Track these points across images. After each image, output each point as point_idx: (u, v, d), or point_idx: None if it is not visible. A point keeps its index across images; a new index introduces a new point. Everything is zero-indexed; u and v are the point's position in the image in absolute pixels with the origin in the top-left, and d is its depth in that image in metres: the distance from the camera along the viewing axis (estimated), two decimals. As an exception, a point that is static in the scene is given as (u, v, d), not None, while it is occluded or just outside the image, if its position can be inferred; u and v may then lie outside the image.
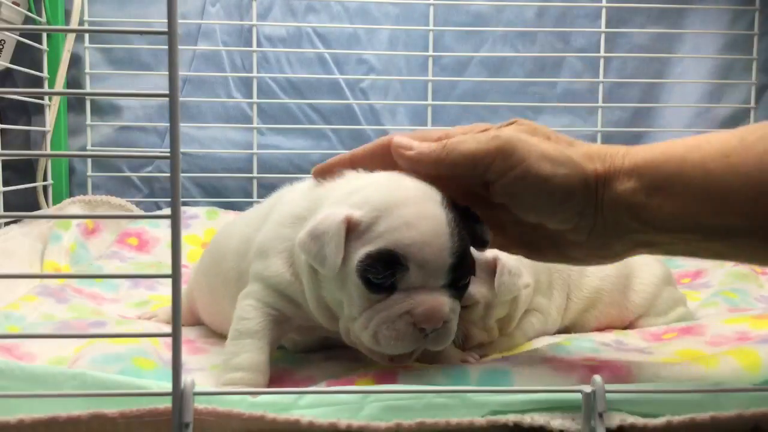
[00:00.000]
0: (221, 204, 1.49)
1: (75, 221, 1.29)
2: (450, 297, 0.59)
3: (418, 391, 0.53)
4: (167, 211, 0.62)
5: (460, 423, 0.50)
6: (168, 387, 0.47)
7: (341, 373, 0.66)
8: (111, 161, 1.52)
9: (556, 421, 0.50)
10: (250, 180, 1.52)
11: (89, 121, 1.49)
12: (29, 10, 1.35)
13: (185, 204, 1.47)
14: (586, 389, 0.49)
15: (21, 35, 1.34)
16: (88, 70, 1.48)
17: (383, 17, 1.53)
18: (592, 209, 0.57)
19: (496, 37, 1.56)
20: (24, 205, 1.40)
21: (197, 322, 0.91)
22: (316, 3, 1.52)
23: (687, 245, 0.56)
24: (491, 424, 0.51)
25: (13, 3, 1.29)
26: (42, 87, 1.42)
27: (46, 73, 1.41)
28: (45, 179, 1.44)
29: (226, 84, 1.53)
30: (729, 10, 1.57)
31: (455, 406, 0.52)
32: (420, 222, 0.58)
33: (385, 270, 0.57)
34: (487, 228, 0.63)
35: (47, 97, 1.42)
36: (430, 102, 1.53)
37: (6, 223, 1.24)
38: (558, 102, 1.57)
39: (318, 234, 0.59)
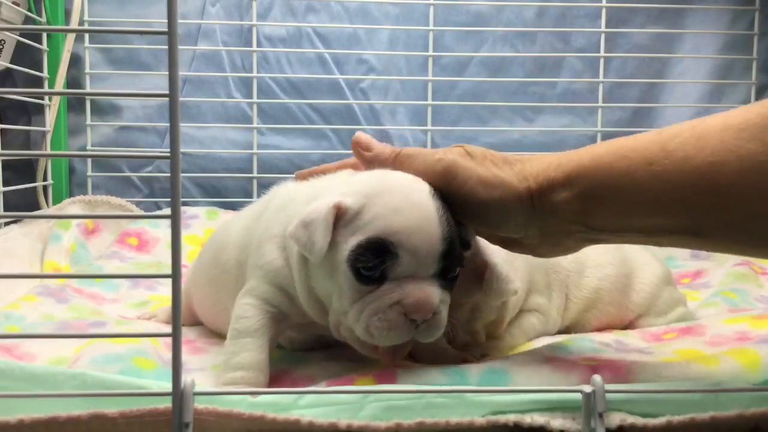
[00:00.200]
0: (221, 204, 1.49)
1: (75, 221, 1.29)
2: (440, 288, 0.60)
3: (418, 391, 0.53)
4: (167, 211, 0.62)
5: (460, 423, 0.50)
6: (168, 387, 0.47)
7: (341, 373, 0.66)
8: (111, 161, 1.52)
9: (556, 421, 0.50)
10: (250, 180, 1.52)
11: (89, 121, 1.49)
12: (29, 10, 1.35)
13: (185, 204, 1.47)
14: (586, 389, 0.49)
15: (21, 35, 1.34)
16: (88, 70, 1.48)
17: (383, 17, 1.53)
18: (535, 219, 0.61)
19: (496, 37, 1.56)
20: (24, 205, 1.40)
21: (194, 320, 0.91)
22: (316, 3, 1.52)
23: (634, 240, 0.61)
24: (491, 424, 0.51)
25: (13, 3, 1.29)
26: (42, 87, 1.42)
27: (46, 73, 1.41)
28: (45, 179, 1.44)
29: (226, 84, 1.53)
30: (729, 10, 1.57)
31: (455, 406, 0.52)
32: (408, 209, 0.59)
33: (375, 258, 0.57)
34: (471, 231, 0.65)
35: (47, 97, 1.42)
36: (430, 102, 1.53)
37: (6, 223, 1.25)
38: (558, 102, 1.57)
39: (308, 222, 0.59)
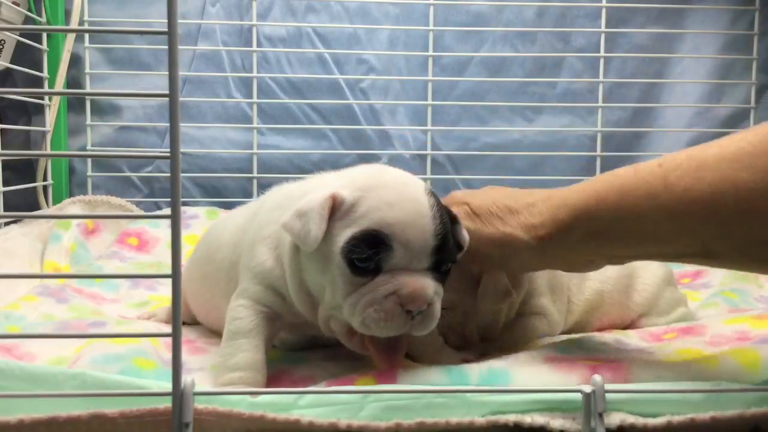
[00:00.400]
0: (221, 204, 1.49)
1: (75, 221, 1.29)
2: (433, 280, 0.60)
3: (418, 391, 0.53)
4: (167, 211, 0.62)
5: (460, 423, 0.50)
6: (168, 387, 0.47)
7: (341, 373, 0.66)
8: (111, 161, 1.52)
9: (556, 421, 0.51)
10: (250, 180, 1.52)
11: (89, 121, 1.49)
12: (29, 10, 1.35)
13: (185, 204, 1.47)
14: (586, 389, 0.49)
15: (21, 35, 1.34)
16: (88, 70, 1.48)
17: (383, 17, 1.53)
18: (549, 259, 0.65)
19: (496, 37, 1.56)
20: (24, 205, 1.40)
21: (189, 317, 0.92)
22: (316, 3, 1.52)
23: (652, 260, 0.66)
24: (491, 424, 0.51)
25: (13, 3, 1.29)
26: (42, 87, 1.42)
27: (46, 73, 1.41)
28: (45, 179, 1.44)
29: (226, 84, 1.53)
30: (729, 10, 1.57)
31: (455, 406, 0.52)
32: (403, 203, 0.59)
33: (369, 250, 0.58)
34: (465, 232, 0.65)
35: (47, 97, 1.42)
36: (430, 102, 1.53)
37: (6, 223, 1.25)
38: (558, 102, 1.57)
39: (303, 212, 0.60)
